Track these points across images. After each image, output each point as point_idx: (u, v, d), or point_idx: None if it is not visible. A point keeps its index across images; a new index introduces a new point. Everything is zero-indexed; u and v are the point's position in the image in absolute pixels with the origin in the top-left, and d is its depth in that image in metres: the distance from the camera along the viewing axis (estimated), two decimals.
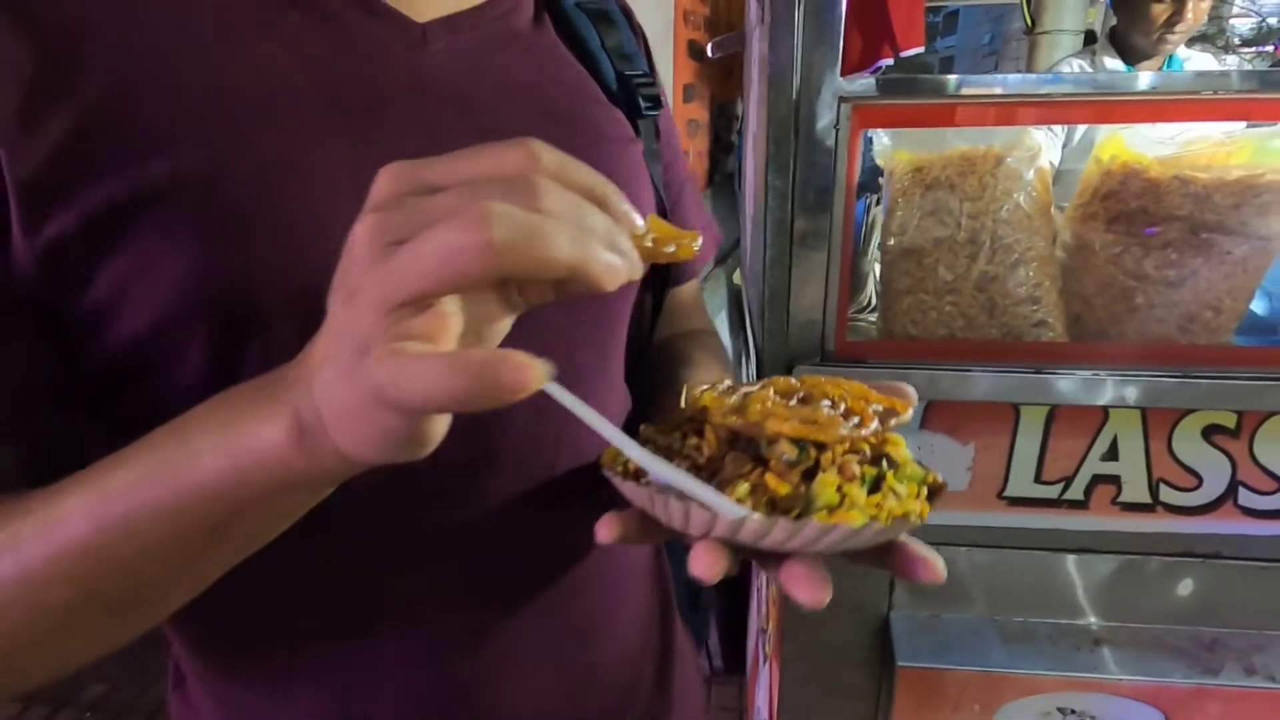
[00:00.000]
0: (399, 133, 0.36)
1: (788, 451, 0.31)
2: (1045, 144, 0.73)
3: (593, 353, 0.42)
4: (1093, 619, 0.84)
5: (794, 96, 0.68)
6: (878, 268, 0.83)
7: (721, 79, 2.26)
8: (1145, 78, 0.62)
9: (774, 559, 0.30)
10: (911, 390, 0.35)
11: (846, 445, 0.31)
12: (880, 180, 0.81)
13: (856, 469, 0.31)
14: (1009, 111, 0.66)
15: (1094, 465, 0.78)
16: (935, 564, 0.31)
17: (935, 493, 0.34)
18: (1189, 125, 0.70)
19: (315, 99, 0.33)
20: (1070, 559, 0.82)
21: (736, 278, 2.27)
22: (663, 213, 0.50)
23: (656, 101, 0.48)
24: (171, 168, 0.29)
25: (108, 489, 0.26)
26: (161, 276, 0.29)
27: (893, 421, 0.32)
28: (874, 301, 0.86)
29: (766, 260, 0.73)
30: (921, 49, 1.84)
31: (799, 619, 0.91)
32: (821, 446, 0.31)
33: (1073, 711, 0.80)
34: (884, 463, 0.32)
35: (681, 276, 0.59)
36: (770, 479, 0.30)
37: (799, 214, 0.71)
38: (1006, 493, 0.80)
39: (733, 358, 2.33)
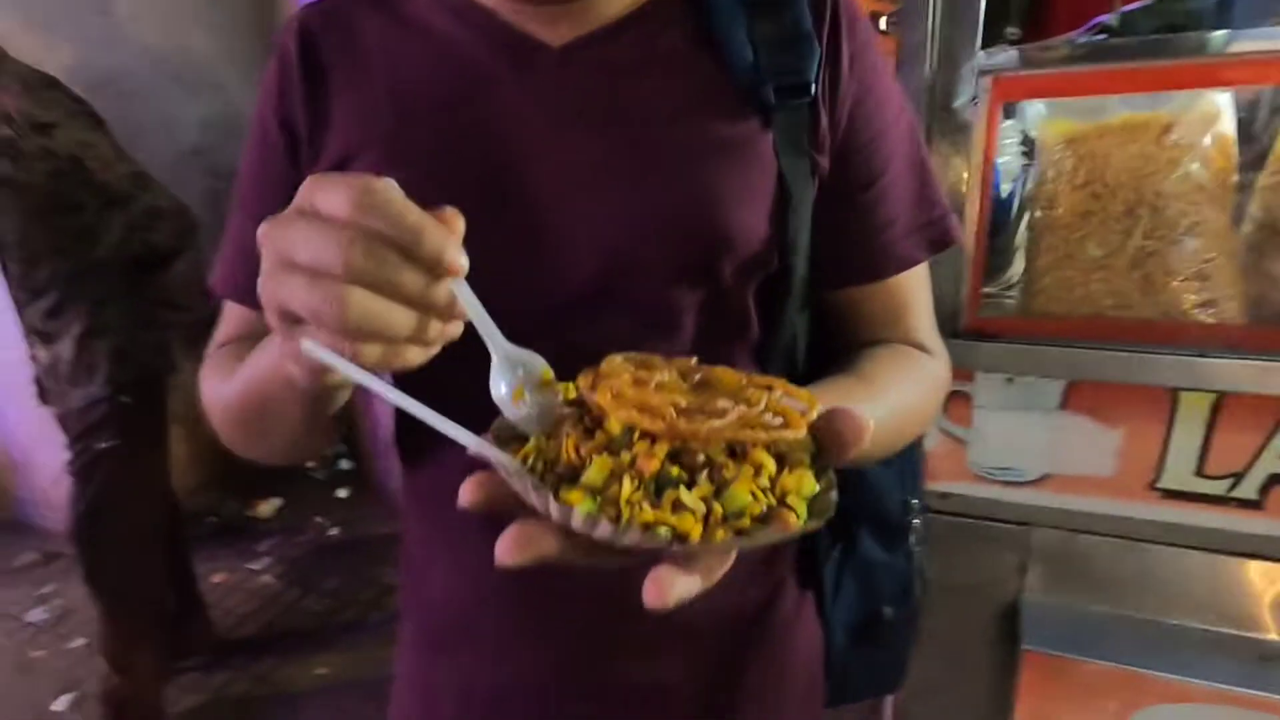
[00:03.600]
0: (529, 147, 0.45)
1: (611, 433, 0.30)
2: (1227, 107, 0.67)
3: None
4: (1269, 634, 0.76)
5: (929, 73, 0.69)
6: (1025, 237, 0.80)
7: None
8: None
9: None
10: (861, 419, 0.32)
11: (705, 442, 0.29)
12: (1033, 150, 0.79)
13: (646, 463, 0.29)
14: (1170, 75, 0.62)
15: (1271, 463, 0.70)
16: (657, 589, 0.28)
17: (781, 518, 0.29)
18: None
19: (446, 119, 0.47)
20: (1240, 563, 0.75)
21: None
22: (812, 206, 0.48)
23: (795, 91, 0.47)
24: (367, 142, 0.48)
25: (237, 374, 0.46)
26: None
27: (771, 435, 0.30)
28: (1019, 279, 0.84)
29: None
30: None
31: (927, 597, 0.92)
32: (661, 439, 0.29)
33: None
34: (708, 472, 0.30)
35: (875, 269, 0.52)
36: (563, 443, 0.30)
37: None
38: (1160, 484, 0.75)
39: None
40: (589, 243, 0.45)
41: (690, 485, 0.29)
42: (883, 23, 1.60)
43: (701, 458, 0.30)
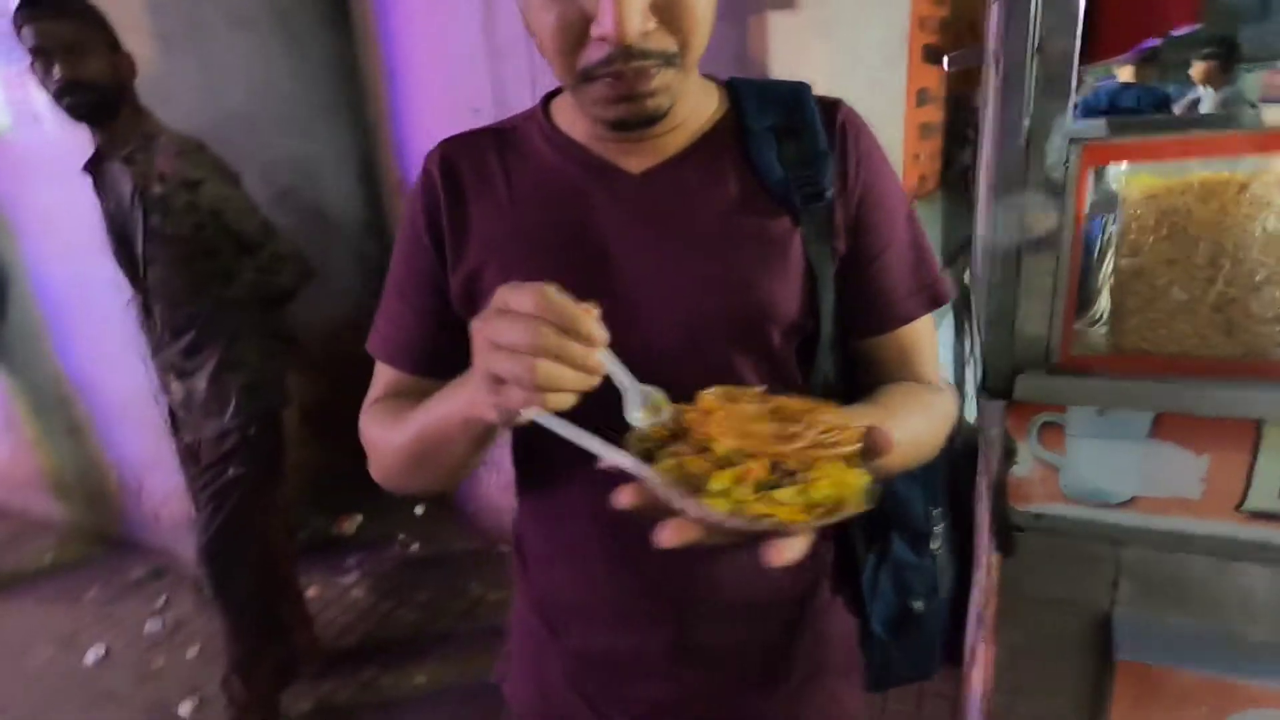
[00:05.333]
0: (617, 247, 0.61)
1: (719, 453, 0.44)
2: None
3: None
4: None
5: (1023, 141, 0.78)
6: (1110, 280, 0.88)
7: (963, 73, 2.23)
8: None
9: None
10: (887, 433, 0.47)
11: (771, 458, 0.43)
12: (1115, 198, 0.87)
13: (755, 473, 0.42)
14: (1244, 143, 0.70)
15: None
16: (777, 552, 0.42)
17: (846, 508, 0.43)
18: None
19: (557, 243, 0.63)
20: None
21: (968, 277, 2.24)
22: (837, 280, 0.64)
23: (817, 196, 0.62)
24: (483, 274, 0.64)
25: (414, 421, 0.60)
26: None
27: (838, 451, 0.43)
28: (1105, 315, 0.91)
29: (992, 281, 0.83)
30: (1196, 26, 1.68)
31: (1017, 607, 0.99)
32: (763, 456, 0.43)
33: None
34: (794, 478, 0.42)
35: (884, 324, 0.67)
36: (689, 461, 0.44)
37: (1026, 245, 0.80)
38: (1246, 506, 0.82)
39: (953, 356, 2.30)
40: (666, 319, 0.61)
41: (785, 485, 0.42)
42: (946, 62, 1.69)
43: (792, 464, 0.43)
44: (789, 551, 0.42)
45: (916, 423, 0.63)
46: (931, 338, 0.70)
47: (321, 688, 1.92)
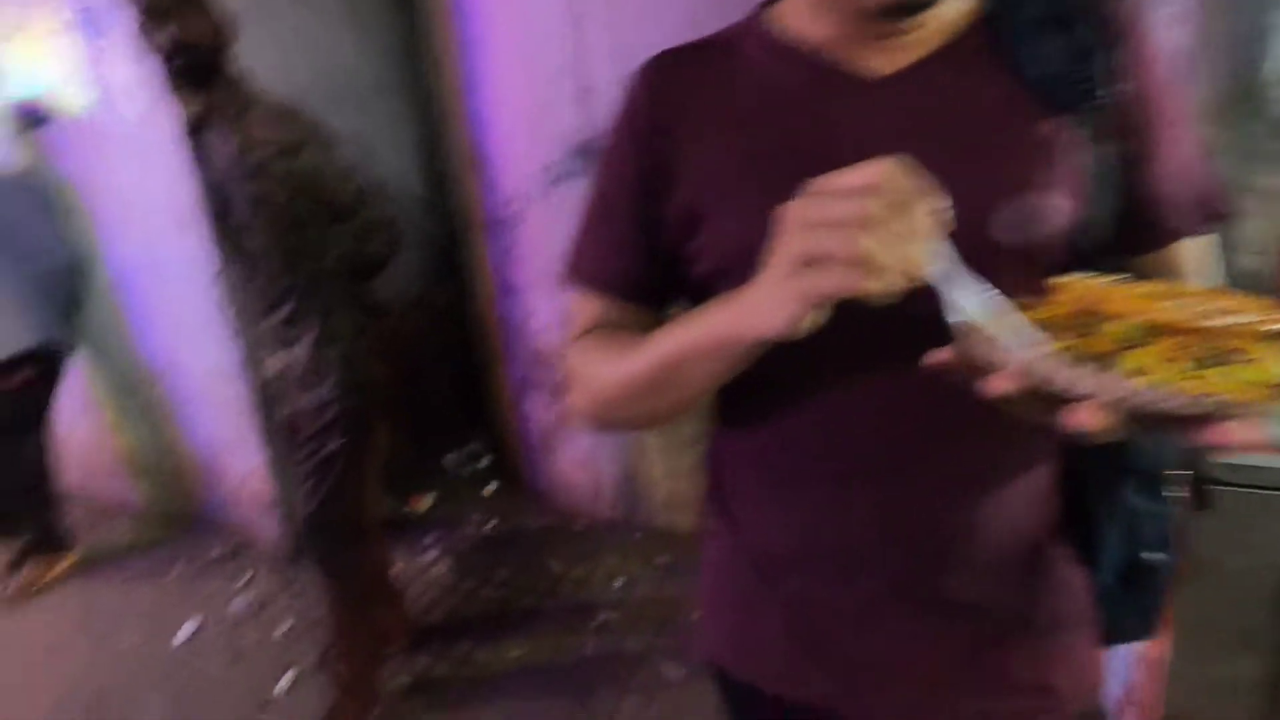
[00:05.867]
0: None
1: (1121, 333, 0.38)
2: None
3: None
4: None
5: None
6: None
7: None
8: None
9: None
10: None
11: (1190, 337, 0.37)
12: None
13: (1190, 349, 0.36)
14: None
15: None
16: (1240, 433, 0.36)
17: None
18: None
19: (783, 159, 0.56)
20: None
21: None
22: (1107, 189, 0.57)
23: (1087, 94, 0.56)
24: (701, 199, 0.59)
25: (653, 347, 0.57)
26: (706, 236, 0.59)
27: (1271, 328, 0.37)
28: None
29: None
30: None
31: (1205, 564, 0.93)
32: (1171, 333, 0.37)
33: None
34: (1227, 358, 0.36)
35: (1159, 238, 0.60)
36: (1088, 342, 0.39)
37: None
38: None
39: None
40: None
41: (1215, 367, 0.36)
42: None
43: (1225, 344, 0.37)
44: (1244, 432, 0.36)
45: None
46: (1208, 260, 0.63)
47: (417, 663, 1.91)
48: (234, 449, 2.41)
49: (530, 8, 1.99)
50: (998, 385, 0.41)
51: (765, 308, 0.46)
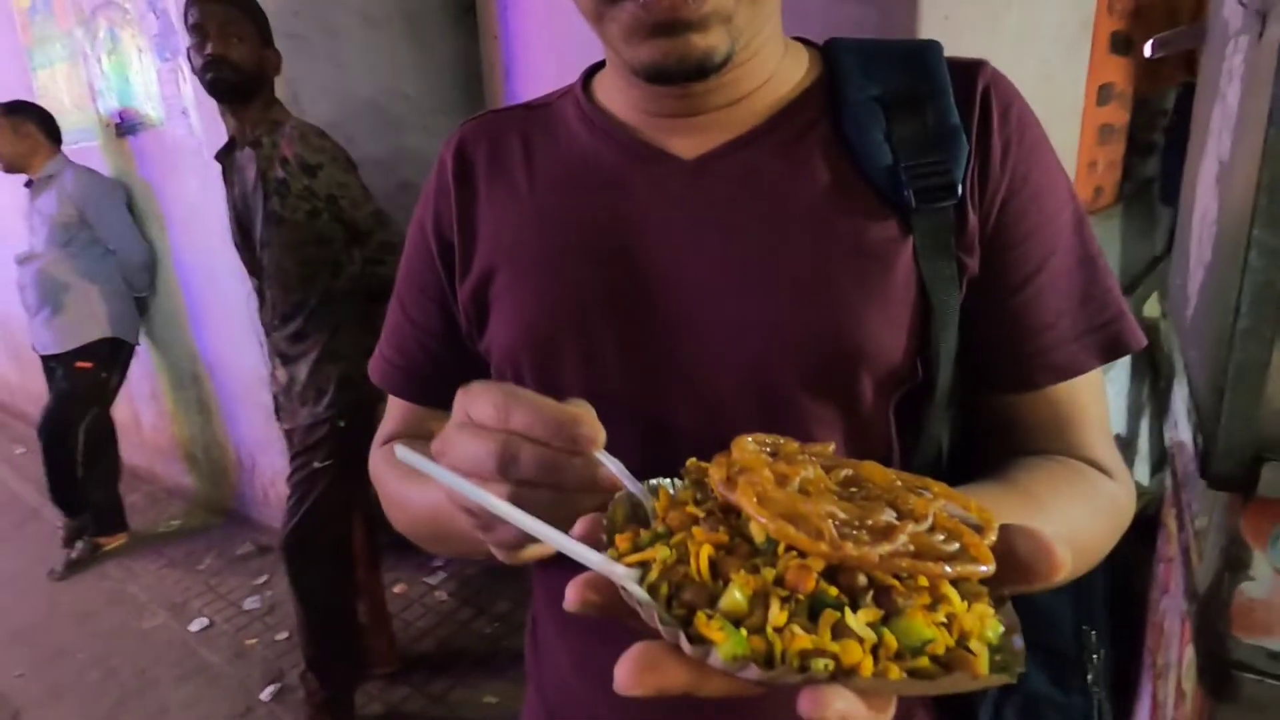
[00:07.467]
0: (662, 256, 0.46)
1: (755, 539, 0.27)
2: None
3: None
4: None
5: None
6: None
7: (1149, 71, 1.89)
8: None
9: None
10: (1054, 548, 0.28)
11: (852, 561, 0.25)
12: None
13: (802, 582, 0.25)
14: None
15: None
16: (814, 702, 0.23)
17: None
18: None
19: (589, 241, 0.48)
20: None
21: (1149, 308, 1.87)
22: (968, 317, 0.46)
23: (940, 192, 0.44)
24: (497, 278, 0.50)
25: (423, 492, 0.48)
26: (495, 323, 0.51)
27: (956, 569, 0.25)
28: None
29: (1238, 329, 0.60)
30: None
31: None
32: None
33: None
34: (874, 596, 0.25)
35: (1035, 376, 0.47)
36: (696, 545, 0.27)
37: None
38: None
39: (1128, 404, 1.91)
40: (720, 352, 0.45)
41: (853, 608, 0.25)
42: (1149, 48, 1.39)
43: (863, 578, 0.26)
44: (837, 703, 0.23)
45: (1078, 520, 0.44)
46: (1100, 397, 0.50)
47: (394, 694, 1.88)
48: (267, 449, 2.50)
49: (565, 35, 1.96)
50: (573, 595, 0.29)
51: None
